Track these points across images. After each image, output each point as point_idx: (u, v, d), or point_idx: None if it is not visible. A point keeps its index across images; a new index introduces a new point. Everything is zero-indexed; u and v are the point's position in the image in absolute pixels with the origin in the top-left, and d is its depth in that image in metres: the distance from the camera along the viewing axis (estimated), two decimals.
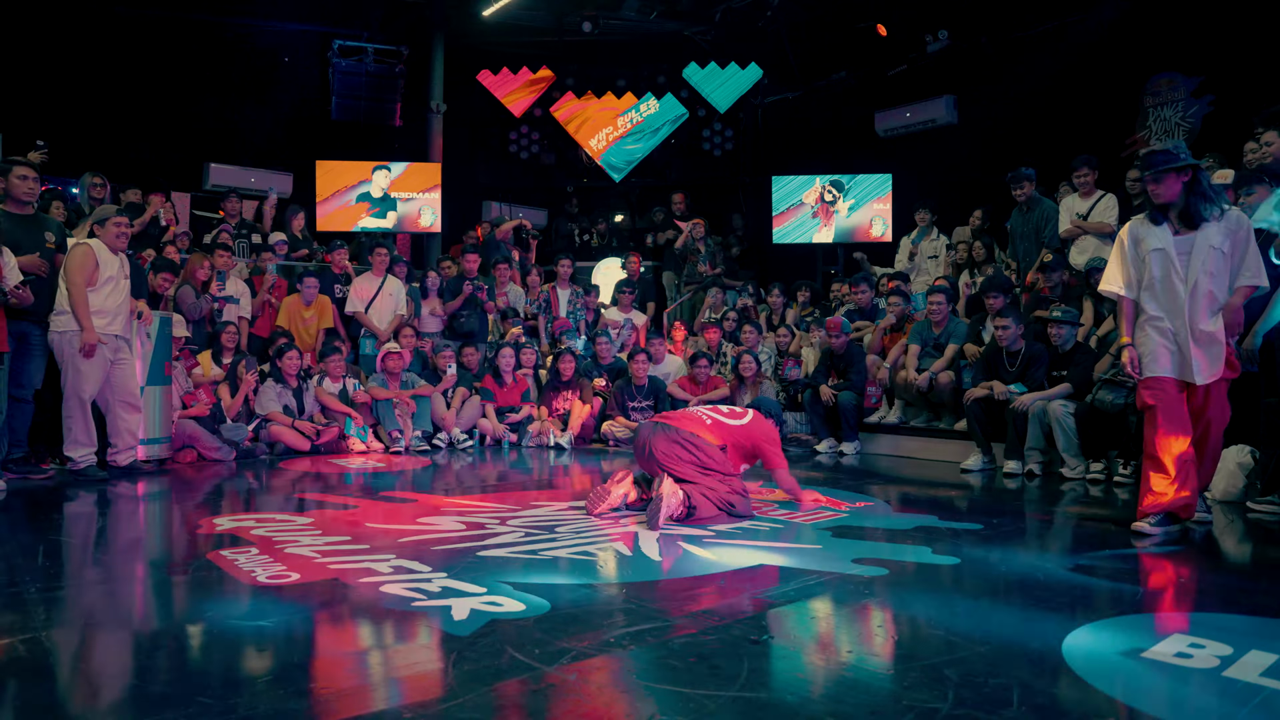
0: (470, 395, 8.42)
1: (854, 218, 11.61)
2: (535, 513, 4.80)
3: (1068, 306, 6.86)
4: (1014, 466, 6.52)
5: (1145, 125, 10.01)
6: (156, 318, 6.66)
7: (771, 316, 9.90)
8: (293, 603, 3.05)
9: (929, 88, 11.34)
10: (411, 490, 5.82)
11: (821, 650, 2.67)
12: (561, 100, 13.08)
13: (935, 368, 7.50)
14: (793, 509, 4.94)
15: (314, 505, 5.20)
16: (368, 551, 3.81)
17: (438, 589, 3.20)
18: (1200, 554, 4.09)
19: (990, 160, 10.31)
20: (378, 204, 11.49)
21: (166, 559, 3.98)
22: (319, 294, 8.89)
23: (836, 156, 12.35)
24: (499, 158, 14.11)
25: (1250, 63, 8.80)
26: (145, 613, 3.16)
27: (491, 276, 10.03)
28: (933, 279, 9.19)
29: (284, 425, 7.46)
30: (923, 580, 3.46)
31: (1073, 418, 6.26)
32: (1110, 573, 3.65)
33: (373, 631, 2.79)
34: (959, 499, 5.73)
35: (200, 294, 7.93)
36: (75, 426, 5.94)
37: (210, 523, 4.48)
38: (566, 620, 2.86)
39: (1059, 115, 10.15)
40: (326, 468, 6.79)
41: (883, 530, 4.48)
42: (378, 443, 7.88)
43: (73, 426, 5.94)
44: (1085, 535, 4.57)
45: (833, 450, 7.83)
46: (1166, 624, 2.85)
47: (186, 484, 5.97)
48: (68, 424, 5.95)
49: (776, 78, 13.21)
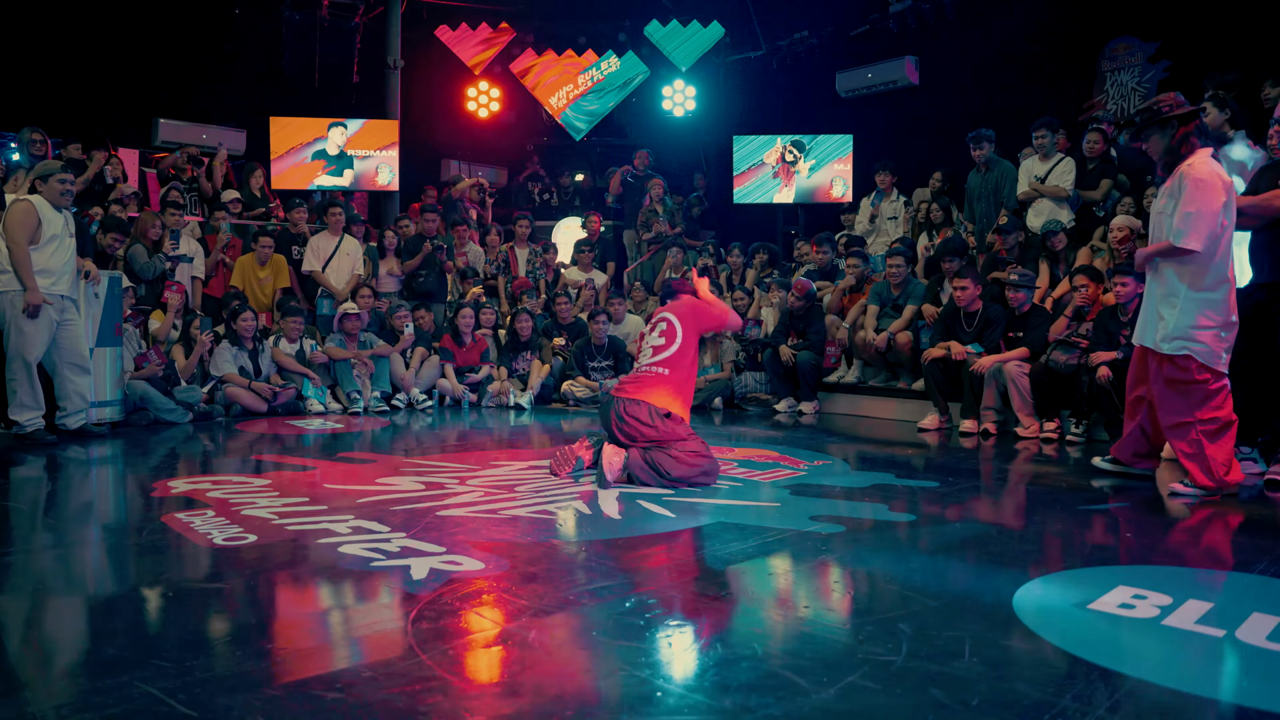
0: (429, 355, 8.37)
1: (815, 178, 11.62)
2: (495, 472, 4.80)
3: (1024, 269, 6.95)
4: (970, 426, 6.63)
5: (1103, 89, 10.10)
6: (105, 277, 6.50)
7: (732, 276, 9.92)
8: (250, 564, 3.03)
9: (891, 48, 11.33)
10: (370, 451, 5.78)
11: (779, 606, 2.71)
12: (521, 57, 12.88)
13: (894, 328, 7.58)
14: (753, 468, 4.98)
15: (271, 467, 5.15)
16: (326, 512, 3.79)
17: (397, 549, 3.19)
18: (1145, 510, 4.20)
19: (950, 122, 10.35)
20: (334, 161, 11.28)
21: (119, 523, 3.93)
22: (274, 253, 8.74)
23: (798, 117, 12.33)
24: (458, 115, 13.88)
25: (1204, 29, 8.90)
26: (97, 577, 3.12)
27: (450, 236, 9.92)
28: (892, 240, 9.25)
29: (240, 387, 7.36)
30: (879, 537, 3.52)
31: (1027, 378, 6.37)
32: (1060, 528, 3.74)
33: (332, 592, 2.78)
34: (916, 458, 5.82)
35: (152, 253, 7.75)
36: (20, 390, 5.80)
37: (165, 485, 4.43)
38: (526, 578, 2.87)
39: (1019, 78, 10.21)
40: (284, 429, 6.72)
41: (840, 488, 4.54)
42: (336, 403, 7.80)
43: (18, 390, 5.80)
44: (1038, 493, 4.67)
45: (792, 409, 7.90)
46: (1111, 577, 2.93)
47: (140, 447, 5.88)
48: (12, 387, 5.81)
49: (738, 36, 13.11)
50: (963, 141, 8.43)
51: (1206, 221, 4.12)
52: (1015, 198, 8.09)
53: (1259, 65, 7.22)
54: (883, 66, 11.37)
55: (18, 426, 5.81)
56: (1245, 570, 3.06)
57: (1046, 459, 5.64)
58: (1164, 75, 9.60)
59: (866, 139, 11.46)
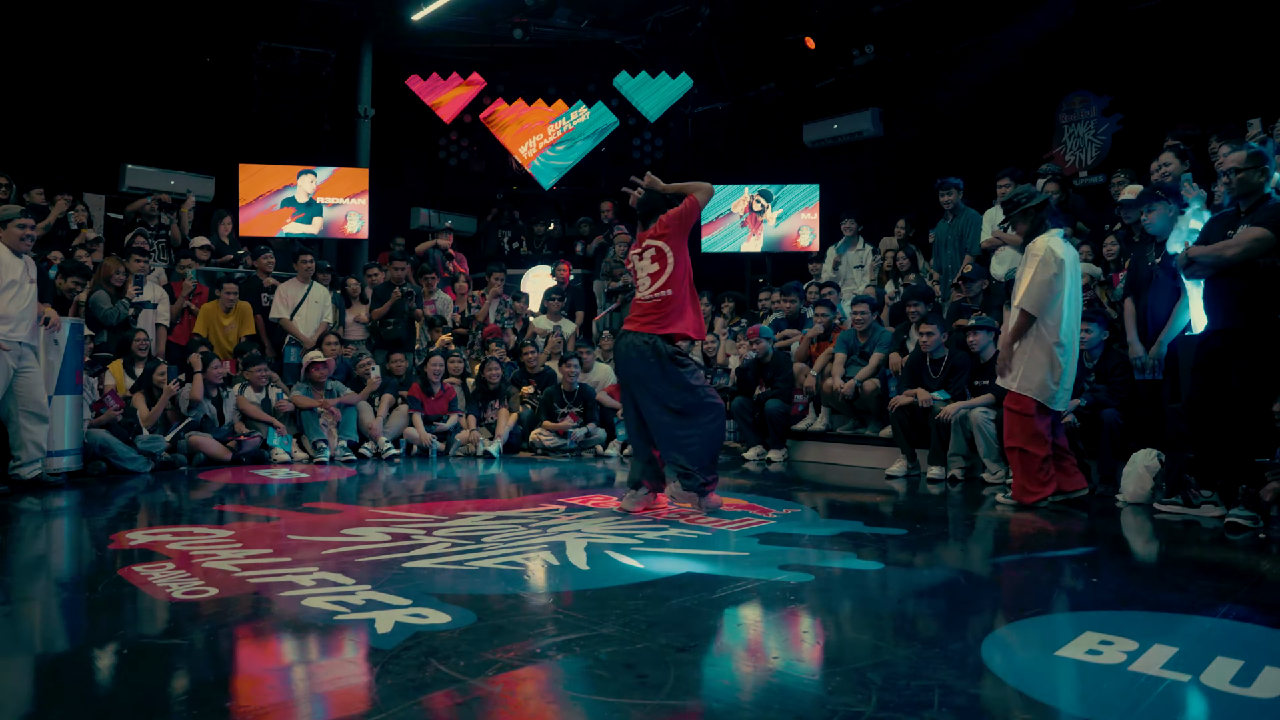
0: (397, 404, 8.30)
1: (782, 227, 11.76)
2: (462, 523, 4.75)
3: (987, 316, 7.05)
4: (937, 472, 6.67)
5: (1061, 141, 10.35)
6: (66, 324, 6.41)
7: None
8: (210, 619, 2.96)
9: (855, 100, 11.55)
10: (336, 501, 5.70)
11: (749, 657, 2.69)
12: (492, 107, 12.99)
13: (861, 375, 7.63)
14: (721, 517, 4.97)
15: (234, 518, 5.06)
16: (290, 564, 3.72)
17: (361, 601, 3.14)
18: (1110, 554, 4.24)
19: (914, 172, 10.55)
20: (303, 209, 11.26)
21: (74, 576, 3.83)
22: (239, 300, 8.68)
23: (765, 166, 12.50)
24: (428, 164, 13.94)
25: (1156, 84, 9.19)
26: (49, 634, 3.04)
27: (419, 284, 9.91)
28: (859, 288, 9.36)
29: (204, 434, 7.25)
30: (848, 585, 3.52)
31: (994, 424, 6.43)
32: (1027, 574, 3.75)
33: (295, 646, 2.72)
34: (884, 505, 5.83)
35: (115, 299, 7.66)
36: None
37: (123, 538, 4.33)
38: (492, 631, 2.83)
39: (980, 129, 10.44)
40: (248, 479, 6.62)
41: (809, 537, 4.54)
42: (302, 452, 7.71)
43: None
44: (1004, 539, 4.70)
45: (761, 457, 7.91)
46: (1078, 622, 2.95)
47: (98, 498, 5.76)
48: None
49: (706, 88, 13.32)
50: (926, 190, 8.59)
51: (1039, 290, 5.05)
52: (980, 245, 8.23)
53: (1208, 120, 7.47)
54: (848, 118, 11.58)
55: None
56: (1208, 614, 3.09)
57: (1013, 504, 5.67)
58: (1118, 128, 9.87)
59: (833, 188, 11.64)
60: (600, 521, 4.81)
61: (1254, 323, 4.60)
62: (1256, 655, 2.62)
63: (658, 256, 5.03)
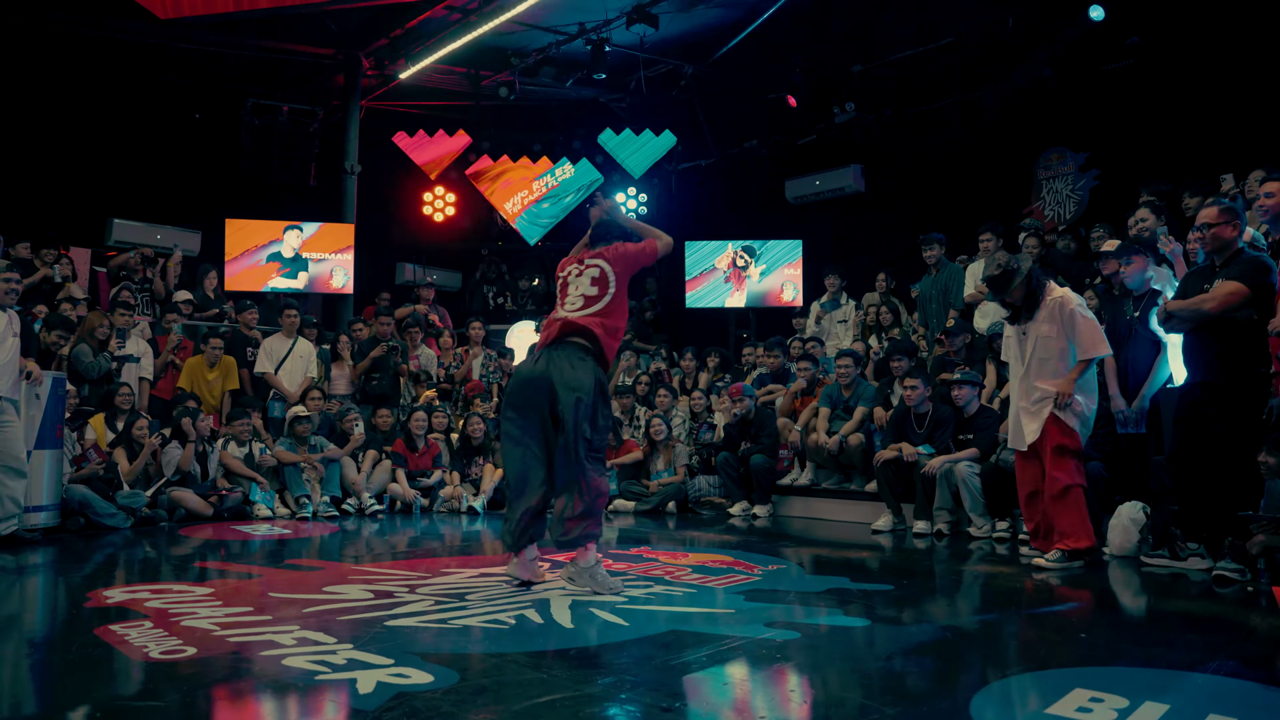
0: (381, 459, 8.24)
1: (766, 282, 11.86)
2: (446, 580, 4.69)
3: (970, 369, 7.10)
4: (923, 527, 6.65)
5: (1040, 196, 10.53)
6: (48, 377, 6.35)
7: (685, 380, 9.99)
8: (189, 679, 2.90)
9: (837, 157, 11.73)
10: (318, 558, 5.63)
11: (736, 716, 2.66)
12: (477, 163, 13.14)
13: (845, 430, 7.64)
14: (707, 573, 4.93)
15: (215, 574, 4.99)
16: (270, 623, 3.66)
17: (343, 661, 3.09)
18: (1099, 608, 4.22)
19: (896, 227, 10.70)
20: (289, 264, 11.29)
21: (47, 636, 3.76)
22: (224, 355, 8.65)
23: (748, 222, 12.64)
24: (413, 219, 14.03)
25: (1129, 140, 9.40)
26: (18, 697, 2.96)
27: (404, 340, 9.90)
28: (842, 343, 9.41)
29: (186, 489, 7.17)
30: (835, 642, 3.48)
31: (978, 478, 6.44)
32: (1016, 630, 3.73)
33: (275, 707, 2.67)
34: (870, 560, 5.80)
35: (98, 352, 7.62)
36: None
37: (100, 595, 4.25)
38: (476, 691, 2.79)
39: (960, 185, 10.62)
40: (230, 534, 6.53)
41: (795, 593, 4.50)
42: (284, 508, 7.62)
43: None
44: (992, 593, 4.68)
45: (746, 513, 7.87)
46: (1068, 679, 2.92)
47: (75, 555, 5.67)
48: None
49: (690, 145, 13.52)
50: (908, 245, 8.70)
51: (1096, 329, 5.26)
52: (963, 299, 8.32)
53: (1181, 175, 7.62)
54: (830, 174, 11.75)
55: None
56: (1199, 670, 3.07)
57: (1000, 559, 5.67)
58: (1095, 183, 10.06)
59: (816, 244, 11.77)
60: None
61: (1234, 375, 4.66)
62: (1250, 713, 2.60)
63: (600, 280, 4.49)
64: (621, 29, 10.67)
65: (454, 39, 10.89)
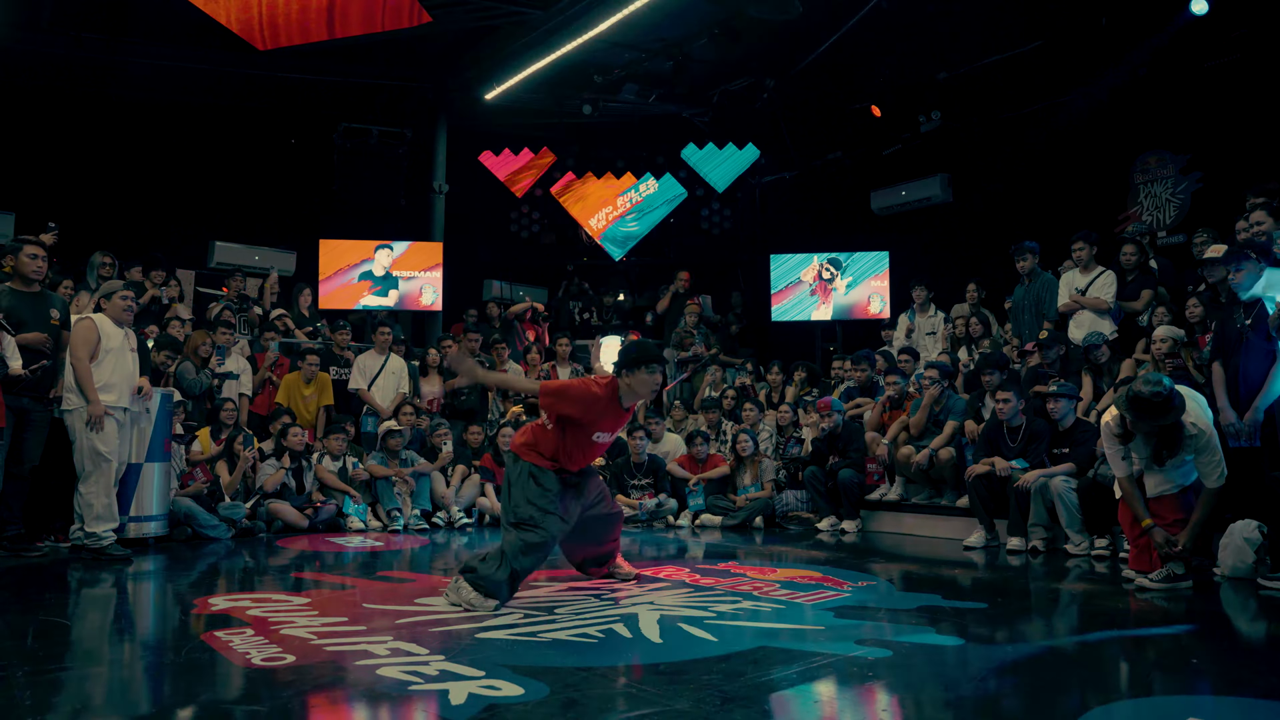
0: (470, 474, 8.39)
1: (852, 295, 11.71)
2: (534, 593, 4.74)
3: (1065, 381, 6.88)
4: (1017, 543, 6.45)
5: (1137, 201, 10.17)
6: (158, 394, 6.66)
7: (771, 394, 9.92)
8: (287, 686, 3.00)
9: (923, 166, 11.54)
10: (410, 570, 5.75)
11: None
12: (562, 180, 13.31)
13: (935, 444, 7.48)
14: (795, 589, 4.87)
15: (311, 585, 5.14)
16: (365, 633, 3.75)
17: (435, 672, 3.14)
18: (1211, 633, 4.03)
19: (984, 237, 10.46)
20: (380, 282, 11.59)
21: (159, 640, 3.92)
22: (319, 371, 8.93)
23: (833, 234, 12.51)
24: (500, 237, 14.28)
25: (1235, 140, 9.00)
26: (135, 697, 3.10)
27: (490, 356, 10.06)
28: (932, 355, 9.22)
29: (283, 502, 7.41)
30: (927, 662, 3.40)
31: (1075, 493, 6.22)
32: (1119, 653, 3.59)
33: (369, 716, 2.73)
34: (962, 577, 5.66)
35: (200, 369, 7.96)
36: (96, 502, 5.83)
37: (205, 603, 4.42)
38: (565, 705, 2.81)
39: (1051, 192, 10.32)
40: (324, 546, 6.72)
41: (885, 610, 4.42)
42: (376, 521, 7.81)
43: (93, 502, 5.83)
44: (1091, 613, 4.51)
45: (834, 528, 7.76)
46: (1181, 707, 2.79)
47: (182, 563, 5.91)
48: (88, 500, 5.83)
49: (773, 158, 13.46)
50: (998, 255, 8.47)
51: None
52: (1056, 310, 8.08)
53: None
54: (916, 184, 11.56)
55: (94, 538, 5.81)
56: None
57: (1099, 577, 5.46)
58: (1198, 186, 9.66)
59: (903, 255, 11.57)
60: (673, 593, 4.75)
61: None
62: None
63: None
64: (703, 44, 10.70)
65: (537, 59, 11.06)
